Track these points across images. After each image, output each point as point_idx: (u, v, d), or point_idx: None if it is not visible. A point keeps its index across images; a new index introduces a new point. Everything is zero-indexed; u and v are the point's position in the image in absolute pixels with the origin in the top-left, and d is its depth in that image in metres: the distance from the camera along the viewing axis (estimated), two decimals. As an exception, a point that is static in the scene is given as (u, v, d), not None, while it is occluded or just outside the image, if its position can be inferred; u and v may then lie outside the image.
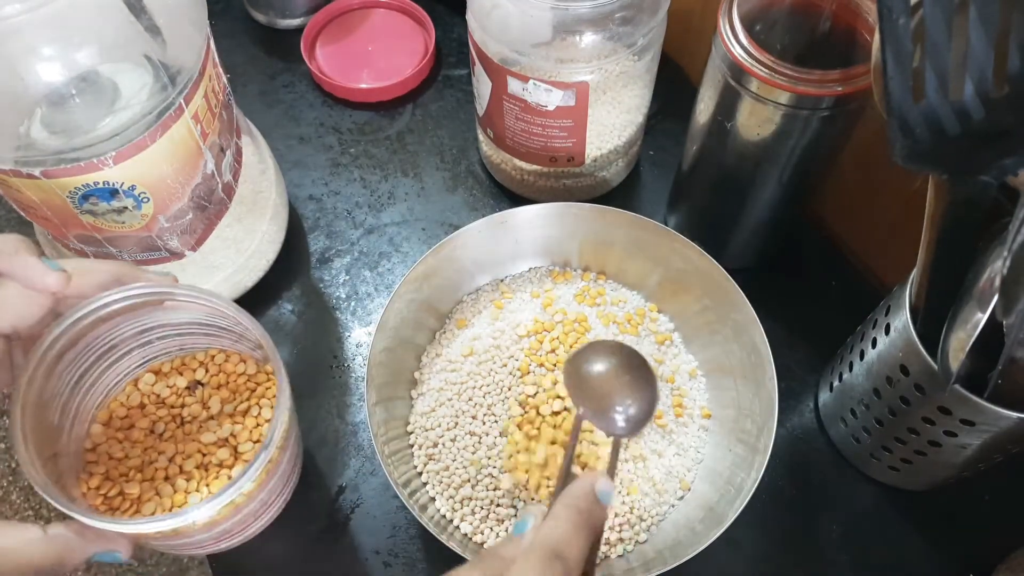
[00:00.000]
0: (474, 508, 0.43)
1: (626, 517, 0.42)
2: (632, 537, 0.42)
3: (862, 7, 0.40)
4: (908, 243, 0.37)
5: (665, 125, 0.61)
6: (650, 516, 0.43)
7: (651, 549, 0.42)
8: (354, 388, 0.51)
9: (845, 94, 0.38)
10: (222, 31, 0.68)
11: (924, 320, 0.37)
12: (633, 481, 0.43)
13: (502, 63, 0.47)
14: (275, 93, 0.65)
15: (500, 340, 0.47)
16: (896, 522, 0.46)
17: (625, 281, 0.51)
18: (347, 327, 0.53)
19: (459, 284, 0.50)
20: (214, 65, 0.44)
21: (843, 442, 0.47)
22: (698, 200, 0.52)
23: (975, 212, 0.33)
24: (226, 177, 0.47)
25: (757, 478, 0.39)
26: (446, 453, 0.44)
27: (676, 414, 0.46)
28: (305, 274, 0.56)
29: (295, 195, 0.59)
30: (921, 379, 0.37)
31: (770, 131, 0.42)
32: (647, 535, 0.43)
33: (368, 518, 0.46)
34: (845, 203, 0.53)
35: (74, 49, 0.37)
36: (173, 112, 0.40)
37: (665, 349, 0.48)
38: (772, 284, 0.51)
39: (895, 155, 0.31)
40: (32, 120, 0.38)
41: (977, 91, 0.30)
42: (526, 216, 0.48)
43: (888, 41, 0.29)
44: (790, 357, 0.51)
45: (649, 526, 0.43)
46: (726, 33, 0.40)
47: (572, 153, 0.52)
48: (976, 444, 0.38)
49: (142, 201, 0.41)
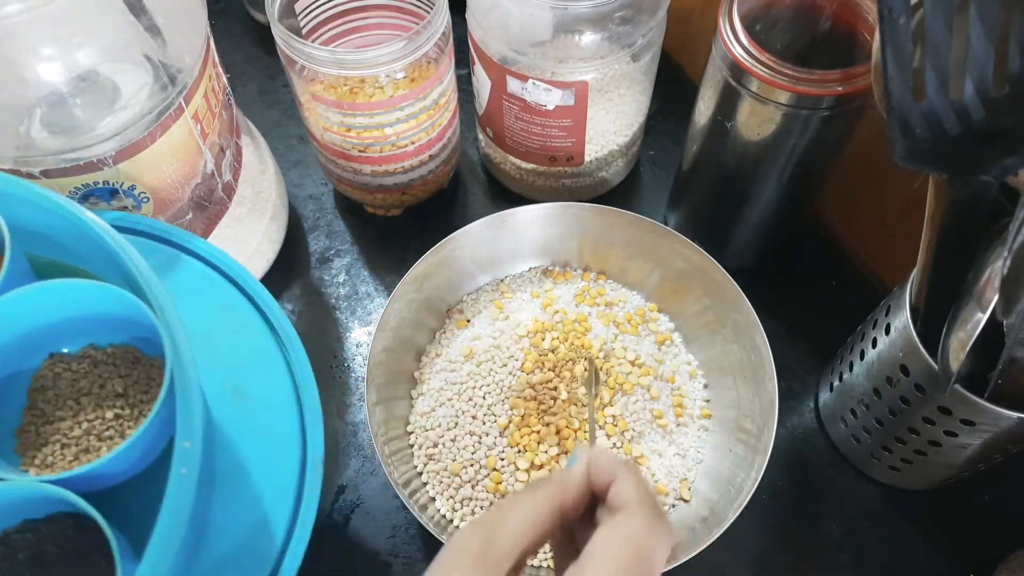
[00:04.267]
0: (474, 508, 0.43)
1: (626, 517, 0.42)
2: (632, 537, 0.42)
3: (862, 7, 0.40)
4: (908, 243, 0.37)
5: (665, 125, 0.61)
6: (650, 516, 0.43)
7: (651, 549, 0.42)
8: (354, 388, 0.51)
9: (845, 94, 0.38)
10: (222, 31, 0.68)
11: (924, 320, 0.37)
12: (633, 481, 0.43)
13: (501, 62, 0.47)
14: (275, 93, 0.65)
15: (500, 340, 0.47)
16: (896, 522, 0.46)
17: (625, 281, 0.51)
18: (347, 327, 0.53)
19: (459, 284, 0.50)
20: (214, 65, 0.44)
21: (843, 442, 0.47)
22: (698, 200, 0.52)
23: (975, 212, 0.33)
24: (226, 177, 0.47)
25: (757, 478, 0.39)
26: (446, 453, 0.44)
27: (676, 414, 0.46)
28: (305, 274, 0.56)
29: (295, 195, 0.59)
30: (921, 379, 0.37)
31: (770, 131, 0.42)
32: (647, 535, 0.43)
33: (368, 518, 0.46)
34: (845, 203, 0.53)
35: (74, 49, 0.37)
36: (173, 112, 0.40)
37: (665, 349, 0.48)
38: (772, 284, 0.52)
39: (895, 155, 0.31)
40: (32, 120, 0.38)
41: (977, 91, 0.30)
42: (526, 216, 0.48)
43: (888, 41, 0.29)
44: (790, 357, 0.51)
45: (649, 526, 0.43)
46: (726, 33, 0.40)
47: (571, 153, 0.52)
48: (976, 444, 0.38)
49: (142, 201, 0.42)
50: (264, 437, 0.36)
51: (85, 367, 0.36)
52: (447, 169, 0.56)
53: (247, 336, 0.38)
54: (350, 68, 0.45)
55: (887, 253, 0.51)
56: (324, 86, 0.47)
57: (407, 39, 0.44)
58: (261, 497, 0.35)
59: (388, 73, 0.46)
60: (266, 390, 0.37)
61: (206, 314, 0.39)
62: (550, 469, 0.43)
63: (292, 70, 0.47)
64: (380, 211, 0.57)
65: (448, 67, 0.49)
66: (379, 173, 0.52)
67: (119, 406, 0.35)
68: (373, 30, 0.53)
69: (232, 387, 0.37)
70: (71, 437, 0.34)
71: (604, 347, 0.47)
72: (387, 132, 0.49)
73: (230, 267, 0.39)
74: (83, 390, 0.36)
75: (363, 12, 0.52)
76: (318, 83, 0.47)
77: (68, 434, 0.34)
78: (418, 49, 0.45)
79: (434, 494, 0.44)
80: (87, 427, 0.35)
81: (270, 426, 0.37)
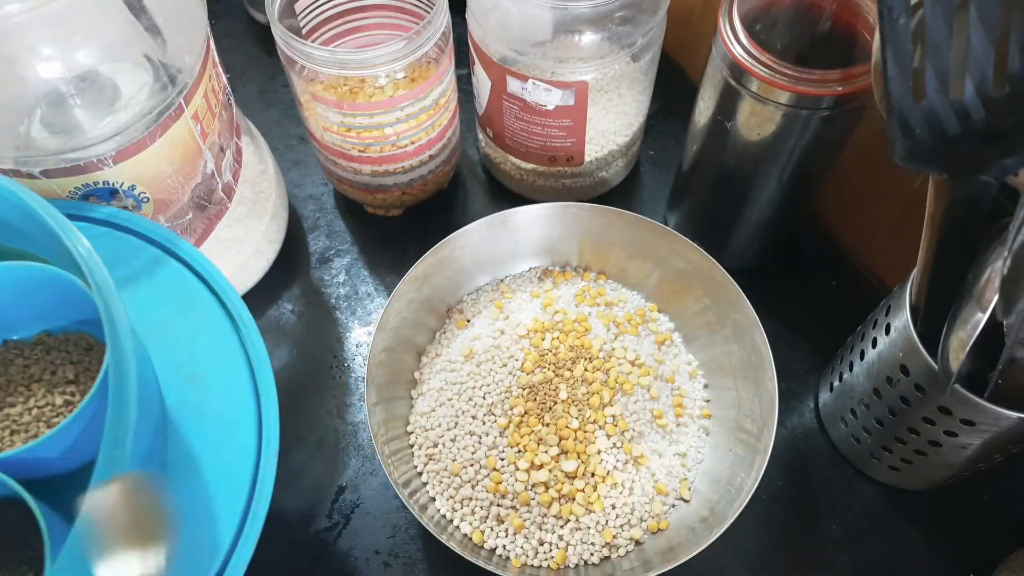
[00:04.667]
0: (474, 508, 0.43)
1: (626, 517, 0.42)
2: (632, 537, 0.42)
3: (862, 7, 0.40)
4: (908, 243, 0.37)
5: (665, 125, 0.61)
6: (650, 516, 0.43)
7: (651, 549, 0.42)
8: (354, 388, 0.51)
9: (845, 94, 0.38)
10: (222, 31, 0.68)
11: (924, 320, 0.37)
12: (634, 482, 0.43)
13: (501, 62, 0.47)
14: (275, 93, 0.65)
15: (500, 340, 0.47)
16: (896, 522, 0.46)
17: (625, 281, 0.51)
18: (347, 327, 0.53)
19: (459, 284, 0.50)
20: (214, 65, 0.44)
21: (843, 442, 0.47)
22: (698, 200, 0.52)
23: (975, 212, 0.33)
24: (226, 177, 0.47)
25: (757, 478, 0.39)
26: (446, 453, 0.44)
27: (676, 414, 0.46)
28: (305, 274, 0.56)
29: (295, 195, 0.59)
30: (921, 379, 0.37)
31: (770, 131, 0.42)
32: (647, 535, 0.42)
33: (368, 518, 0.46)
34: (845, 203, 0.53)
35: (74, 49, 0.37)
36: (173, 112, 0.40)
37: (665, 349, 0.48)
38: (772, 284, 0.52)
39: (895, 155, 0.31)
40: (32, 120, 0.38)
41: (977, 91, 0.30)
42: (526, 216, 0.48)
43: (888, 41, 0.29)
44: (790, 357, 0.51)
45: (649, 526, 0.43)
46: (726, 33, 0.40)
47: (571, 153, 0.52)
48: (976, 444, 0.38)
49: (142, 201, 0.42)
50: (218, 428, 0.36)
51: (37, 353, 0.36)
52: (447, 169, 0.56)
53: (205, 325, 0.38)
54: (350, 68, 0.45)
55: (887, 253, 0.51)
56: (324, 86, 0.47)
57: (407, 39, 0.44)
58: (212, 489, 0.35)
59: (388, 73, 0.46)
60: (222, 379, 0.37)
61: (163, 302, 0.38)
62: (550, 469, 0.43)
63: (292, 70, 0.47)
64: (380, 211, 0.57)
65: (448, 67, 0.49)
66: (379, 173, 0.52)
67: (69, 392, 0.35)
68: (373, 30, 0.53)
69: (187, 374, 0.37)
70: (20, 423, 0.34)
71: (604, 347, 0.47)
72: (387, 132, 0.49)
73: (189, 255, 0.40)
74: (34, 376, 0.36)
75: (363, 12, 0.52)
76: (318, 83, 0.47)
77: (18, 420, 0.34)
78: (418, 49, 0.45)
79: (434, 494, 0.44)
80: (36, 413, 0.35)
81: (224, 416, 0.36)
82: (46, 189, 0.39)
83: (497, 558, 0.42)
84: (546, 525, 0.42)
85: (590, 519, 0.42)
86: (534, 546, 0.42)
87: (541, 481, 0.42)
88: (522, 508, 0.42)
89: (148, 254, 0.39)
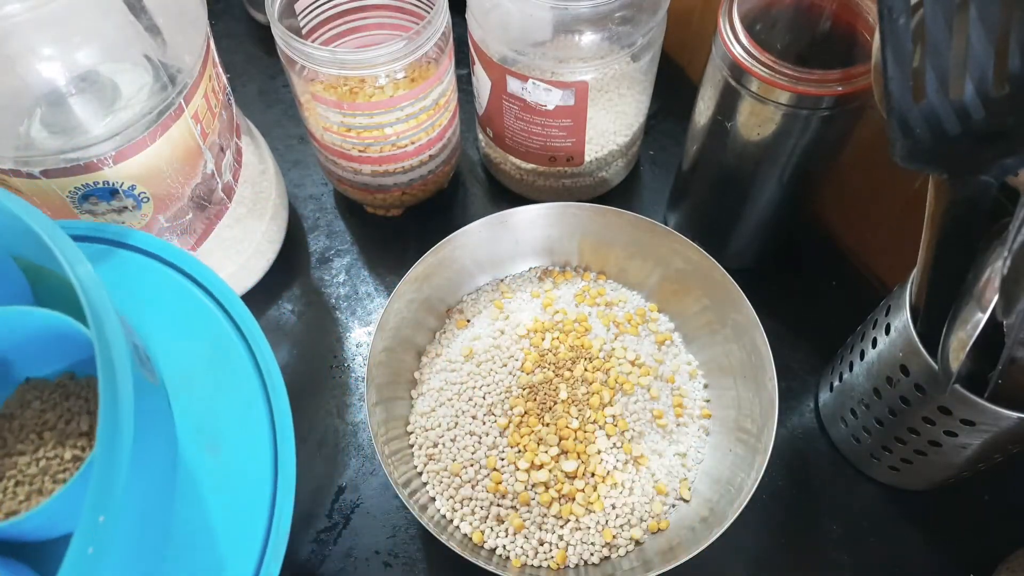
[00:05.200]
0: (474, 508, 0.43)
1: (626, 517, 0.42)
2: (632, 537, 0.42)
3: (862, 7, 0.40)
4: (908, 243, 0.37)
5: (665, 125, 0.61)
6: (650, 516, 0.43)
7: (651, 549, 0.42)
8: (354, 388, 0.51)
9: (845, 94, 0.38)
10: (222, 31, 0.68)
11: (924, 320, 0.37)
12: (634, 482, 0.43)
13: (501, 62, 0.47)
14: (275, 93, 0.65)
15: (500, 340, 0.47)
16: (896, 522, 0.46)
17: (625, 281, 0.51)
18: (347, 327, 0.53)
19: (459, 284, 0.50)
20: (214, 65, 0.44)
21: (843, 442, 0.47)
22: (698, 200, 0.52)
23: (975, 212, 0.33)
24: (226, 177, 0.47)
25: (757, 478, 0.39)
26: (446, 453, 0.44)
27: (676, 414, 0.46)
28: (305, 274, 0.56)
29: (295, 195, 0.59)
30: (921, 379, 0.37)
31: (770, 131, 0.42)
32: (647, 535, 0.43)
33: (368, 518, 0.46)
34: (845, 203, 0.53)
35: (74, 49, 0.37)
36: (173, 112, 0.40)
37: (665, 349, 0.48)
38: (772, 284, 0.52)
39: (895, 155, 0.31)
40: (32, 120, 0.38)
41: (977, 91, 0.30)
42: (526, 216, 0.48)
43: (888, 41, 0.29)
44: (790, 357, 0.51)
45: (649, 526, 0.43)
46: (726, 33, 0.40)
47: (571, 153, 0.52)
48: (976, 444, 0.38)
49: (142, 201, 0.42)
50: (231, 500, 0.34)
51: (56, 398, 0.34)
52: (447, 169, 0.56)
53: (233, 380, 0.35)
54: (350, 68, 0.45)
55: (887, 253, 0.51)
56: (324, 86, 0.47)
57: (407, 39, 0.44)
58: (219, 562, 0.32)
59: (388, 73, 0.46)
60: (242, 450, 0.35)
61: (191, 346, 0.36)
62: (550, 469, 0.43)
63: (292, 70, 0.47)
64: (380, 211, 0.57)
65: (448, 67, 0.49)
66: (379, 173, 0.52)
67: (80, 447, 0.33)
68: (373, 30, 0.53)
69: (207, 439, 0.34)
70: (27, 475, 0.32)
71: (604, 347, 0.47)
72: (387, 132, 0.49)
73: (210, 281, 0.37)
74: (48, 423, 0.33)
75: (363, 12, 0.52)
76: (318, 83, 0.47)
77: (24, 471, 0.32)
78: (418, 49, 0.45)
79: (434, 494, 0.44)
80: (44, 465, 0.32)
81: (239, 487, 0.34)
82: (46, 189, 0.39)
83: (497, 558, 0.42)
84: (546, 525, 0.42)
85: (590, 519, 0.42)
86: (534, 546, 0.42)
87: (541, 481, 0.42)
88: (522, 508, 0.42)
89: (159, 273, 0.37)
